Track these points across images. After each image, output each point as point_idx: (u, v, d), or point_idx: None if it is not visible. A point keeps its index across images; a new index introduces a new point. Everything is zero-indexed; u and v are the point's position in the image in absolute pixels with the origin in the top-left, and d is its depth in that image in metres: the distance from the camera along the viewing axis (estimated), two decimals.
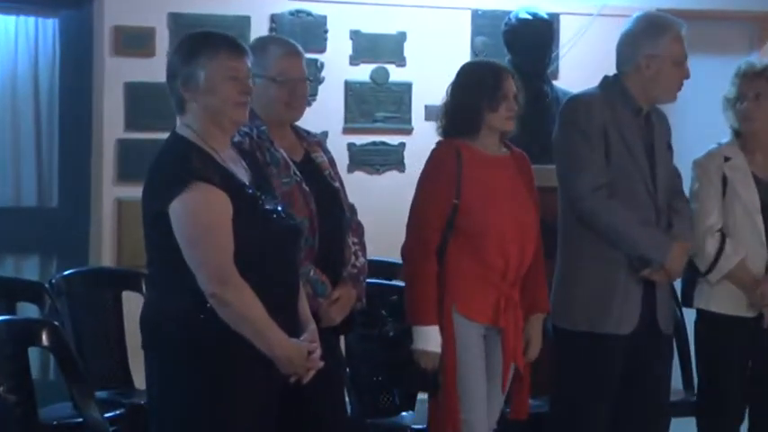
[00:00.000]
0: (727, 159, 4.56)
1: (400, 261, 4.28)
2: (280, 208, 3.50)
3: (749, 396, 4.60)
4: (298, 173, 3.88)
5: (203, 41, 3.46)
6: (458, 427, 4.10)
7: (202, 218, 3.30)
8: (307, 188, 3.86)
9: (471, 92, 4.18)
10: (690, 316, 4.89)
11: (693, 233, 4.45)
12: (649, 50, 4.31)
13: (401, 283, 4.32)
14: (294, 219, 3.57)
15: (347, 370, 4.59)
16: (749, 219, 4.52)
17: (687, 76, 4.38)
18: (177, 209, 3.30)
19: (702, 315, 4.61)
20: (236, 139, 3.66)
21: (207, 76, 3.39)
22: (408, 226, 4.18)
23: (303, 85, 3.99)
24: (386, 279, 4.80)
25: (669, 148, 4.48)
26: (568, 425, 4.37)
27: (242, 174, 3.47)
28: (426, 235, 4.12)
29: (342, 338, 4.38)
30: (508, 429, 4.34)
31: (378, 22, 6.82)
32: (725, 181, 4.54)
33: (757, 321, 4.49)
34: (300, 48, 4.06)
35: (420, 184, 4.22)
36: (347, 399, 4.65)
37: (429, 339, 4.10)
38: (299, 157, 3.99)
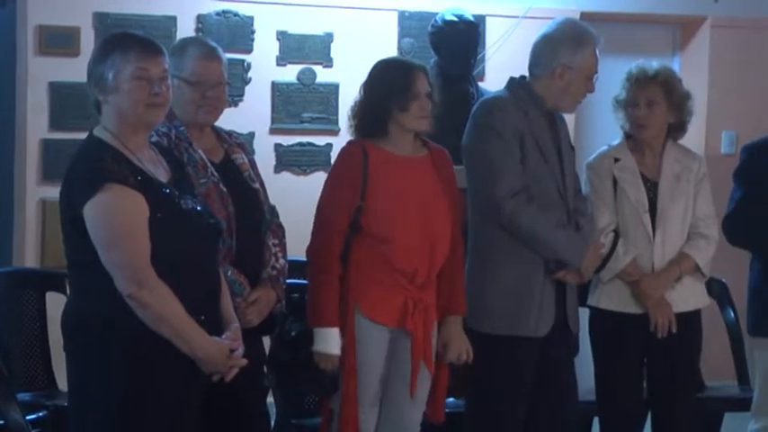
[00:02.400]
0: (616, 160, 4.62)
1: None
2: (199, 207, 3.49)
3: (650, 394, 4.66)
4: (215, 174, 3.88)
5: (116, 41, 3.46)
6: (357, 428, 4.08)
7: (116, 220, 3.30)
8: (224, 189, 3.85)
9: (381, 91, 4.11)
10: None
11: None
12: (566, 61, 4.33)
13: (303, 281, 4.29)
14: (214, 218, 3.56)
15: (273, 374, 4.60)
16: (638, 219, 4.57)
17: (592, 91, 4.42)
18: (91, 211, 3.29)
19: (594, 312, 4.66)
20: (154, 138, 3.65)
21: (115, 76, 3.38)
22: (313, 227, 4.12)
23: (218, 88, 3.96)
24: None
25: (572, 149, 4.53)
26: (486, 426, 4.37)
27: (161, 174, 3.46)
28: (329, 236, 4.06)
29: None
30: (429, 430, 4.33)
31: (305, 23, 6.83)
32: (615, 182, 4.59)
33: (647, 318, 4.55)
34: (221, 51, 4.04)
35: (325, 185, 4.17)
36: (273, 399, 4.68)
37: (329, 341, 4.06)
38: (219, 158, 3.98)
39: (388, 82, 4.11)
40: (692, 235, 4.61)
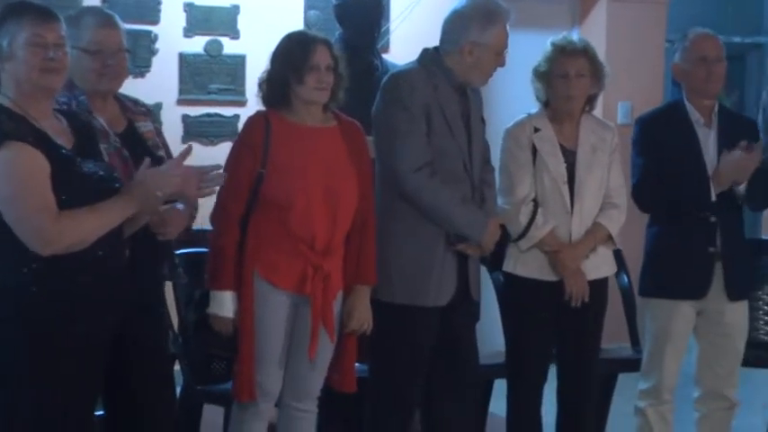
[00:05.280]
0: (536, 130, 4.67)
1: None
2: (102, 172, 3.51)
3: (558, 357, 4.79)
4: (117, 140, 3.89)
5: (11, 10, 3.46)
6: (253, 390, 4.15)
7: (17, 175, 3.32)
8: (127, 153, 3.87)
9: (281, 63, 4.17)
10: None
11: (508, 202, 4.62)
12: (476, 38, 4.36)
13: (204, 250, 4.36)
14: (119, 182, 3.56)
15: (180, 340, 4.67)
16: (557, 190, 4.63)
17: (503, 65, 4.45)
18: None
19: (509, 278, 4.74)
20: (55, 107, 3.66)
21: (10, 43, 3.40)
22: (216, 194, 4.10)
23: (119, 56, 3.98)
24: None
25: (482, 121, 4.58)
26: (386, 393, 4.43)
27: (64, 141, 3.47)
28: (228, 203, 4.11)
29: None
30: (333, 397, 4.41)
31: None
32: (534, 151, 4.66)
33: (561, 285, 4.64)
34: (118, 19, 4.04)
35: (229, 154, 4.23)
36: (179, 367, 4.75)
37: (223, 304, 4.13)
38: (122, 127, 4.00)
39: (287, 54, 4.18)
40: (604, 205, 4.70)
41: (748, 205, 4.86)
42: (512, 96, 6.71)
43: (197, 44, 6.88)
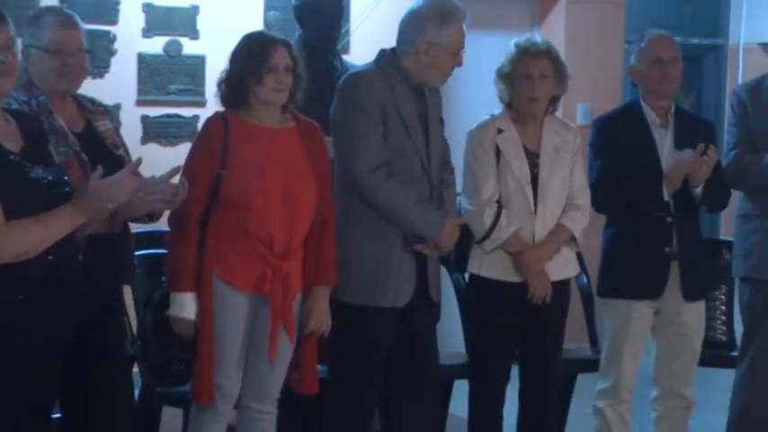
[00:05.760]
0: (499, 131, 4.67)
1: None
2: (51, 177, 3.45)
3: (521, 358, 4.80)
4: (76, 143, 3.88)
5: None
6: (212, 392, 4.15)
7: None
8: (86, 158, 3.86)
9: (240, 63, 4.17)
10: None
11: (472, 203, 4.63)
12: (432, 38, 4.35)
13: (164, 251, 4.33)
14: (69, 186, 3.50)
15: (138, 342, 4.66)
16: (520, 191, 4.64)
17: (460, 65, 4.45)
18: None
19: (473, 279, 4.75)
20: (14, 107, 3.65)
21: None
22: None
23: (79, 56, 3.97)
24: None
25: (441, 121, 4.58)
26: (345, 395, 4.43)
27: (13, 145, 3.42)
28: (187, 204, 4.01)
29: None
30: (293, 398, 4.41)
31: None
32: (498, 152, 4.66)
33: (525, 286, 4.65)
34: (78, 19, 4.03)
35: (188, 154, 4.22)
36: (138, 369, 4.74)
37: (183, 306, 4.12)
38: (80, 127, 3.99)
39: (246, 54, 4.17)
40: (567, 206, 4.71)
41: (705, 207, 4.89)
42: (472, 97, 6.75)
43: (156, 44, 6.86)
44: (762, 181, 5.00)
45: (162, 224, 4.29)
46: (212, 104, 6.80)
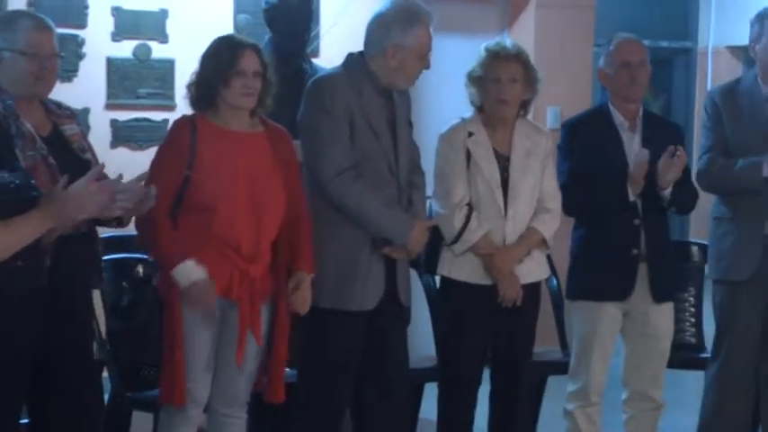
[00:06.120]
0: (470, 134, 4.68)
1: None
2: (18, 181, 3.42)
3: (492, 361, 4.81)
4: (44, 147, 3.86)
5: None
6: (183, 396, 4.14)
7: None
8: (53, 162, 3.84)
9: (209, 67, 4.18)
10: None
11: (443, 206, 4.64)
12: (398, 40, 4.36)
13: (133, 255, 4.36)
14: (37, 190, 3.47)
15: (107, 347, 4.64)
16: (491, 194, 4.65)
17: (427, 68, 4.46)
18: None
19: (445, 282, 4.76)
20: None
21: None
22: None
23: (54, 60, 3.97)
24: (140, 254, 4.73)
25: (409, 124, 4.59)
26: (314, 399, 4.43)
27: None
28: (154, 207, 3.98)
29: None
30: (262, 402, 4.39)
31: None
32: (468, 155, 4.67)
33: (496, 289, 4.65)
34: (51, 23, 4.03)
35: (156, 156, 4.22)
36: (108, 374, 4.72)
37: (189, 272, 4.08)
38: (47, 131, 3.97)
39: (215, 58, 4.18)
40: (538, 209, 4.72)
41: (673, 209, 4.91)
42: (442, 100, 6.76)
43: (125, 48, 6.84)
44: (733, 186, 5.04)
45: (130, 228, 4.27)
46: (182, 108, 6.78)
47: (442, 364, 4.85)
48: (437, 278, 4.90)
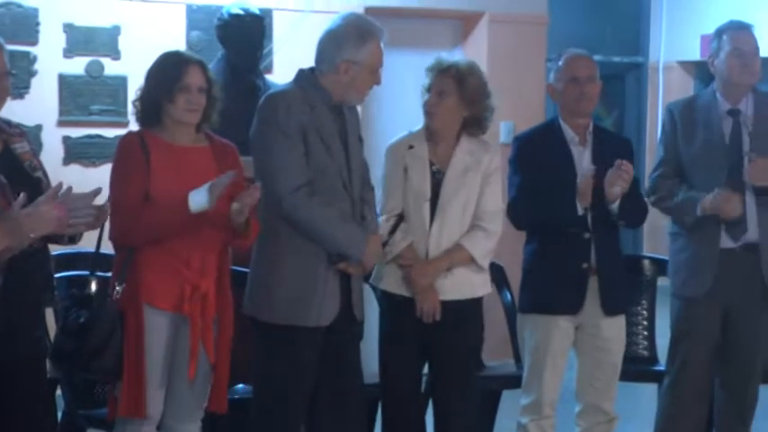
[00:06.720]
0: (410, 147, 4.72)
1: (112, 252, 4.30)
2: None
3: (430, 380, 4.81)
4: None
5: None
6: (145, 409, 4.15)
7: None
8: (4, 180, 3.84)
9: (154, 82, 4.21)
10: None
11: (379, 214, 4.66)
12: (350, 56, 4.37)
13: (84, 272, 4.34)
14: None
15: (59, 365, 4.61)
16: (418, 207, 4.68)
17: (378, 83, 4.49)
18: None
19: (378, 292, 4.80)
20: None
21: None
22: (113, 217, 4.10)
23: (5, 77, 3.96)
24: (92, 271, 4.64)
25: (360, 140, 4.60)
26: (270, 414, 4.41)
27: None
28: (131, 210, 4.10)
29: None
30: (218, 417, 4.40)
31: (91, 15, 6.81)
32: (406, 168, 4.71)
33: None
34: (2, 40, 4.02)
35: (113, 174, 4.22)
36: (61, 391, 4.69)
37: (198, 195, 4.07)
38: None
39: (160, 74, 4.21)
40: (472, 227, 4.73)
41: (621, 222, 4.93)
42: (396, 114, 6.77)
43: (77, 65, 6.81)
44: (671, 216, 5.13)
45: (83, 245, 4.27)
46: (135, 125, 6.81)
47: (380, 379, 4.84)
48: None
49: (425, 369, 4.85)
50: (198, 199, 4.09)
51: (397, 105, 6.65)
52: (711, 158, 5.04)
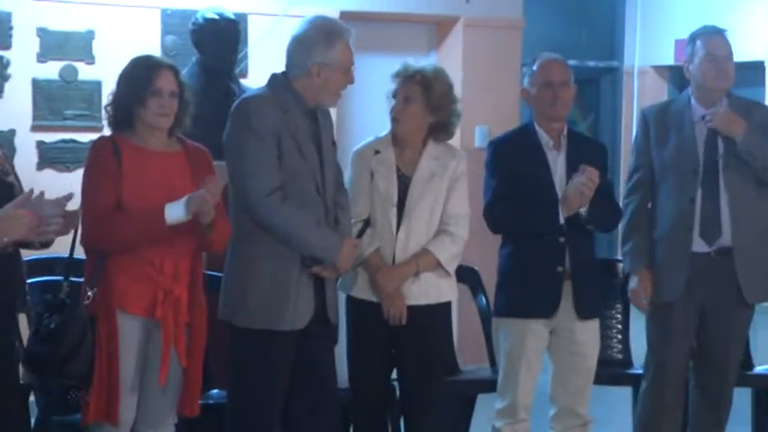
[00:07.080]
0: (377, 152, 4.73)
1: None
2: None
3: (399, 385, 4.81)
4: None
5: None
6: (118, 415, 4.15)
7: None
8: None
9: (125, 86, 4.22)
10: None
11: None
12: (321, 59, 4.36)
13: (58, 278, 4.33)
14: None
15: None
16: (384, 212, 4.69)
17: (352, 82, 4.48)
18: None
19: (347, 298, 4.79)
20: None
21: None
22: (85, 222, 4.11)
23: None
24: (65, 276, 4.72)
25: (334, 144, 4.59)
26: (243, 418, 4.41)
27: None
28: (103, 215, 4.10)
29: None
30: (191, 422, 4.40)
31: (66, 20, 6.79)
32: (372, 173, 4.71)
33: None
34: None
35: (85, 178, 4.22)
36: (34, 398, 4.67)
37: (175, 209, 4.09)
38: None
39: (131, 78, 4.22)
40: (438, 232, 4.73)
41: (591, 227, 4.93)
42: (370, 119, 6.77)
43: (51, 69, 6.79)
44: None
45: (55, 250, 4.25)
46: (109, 130, 6.80)
47: (350, 383, 4.84)
48: None
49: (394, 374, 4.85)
50: (174, 212, 4.09)
51: (372, 110, 6.63)
52: (682, 163, 5.06)
